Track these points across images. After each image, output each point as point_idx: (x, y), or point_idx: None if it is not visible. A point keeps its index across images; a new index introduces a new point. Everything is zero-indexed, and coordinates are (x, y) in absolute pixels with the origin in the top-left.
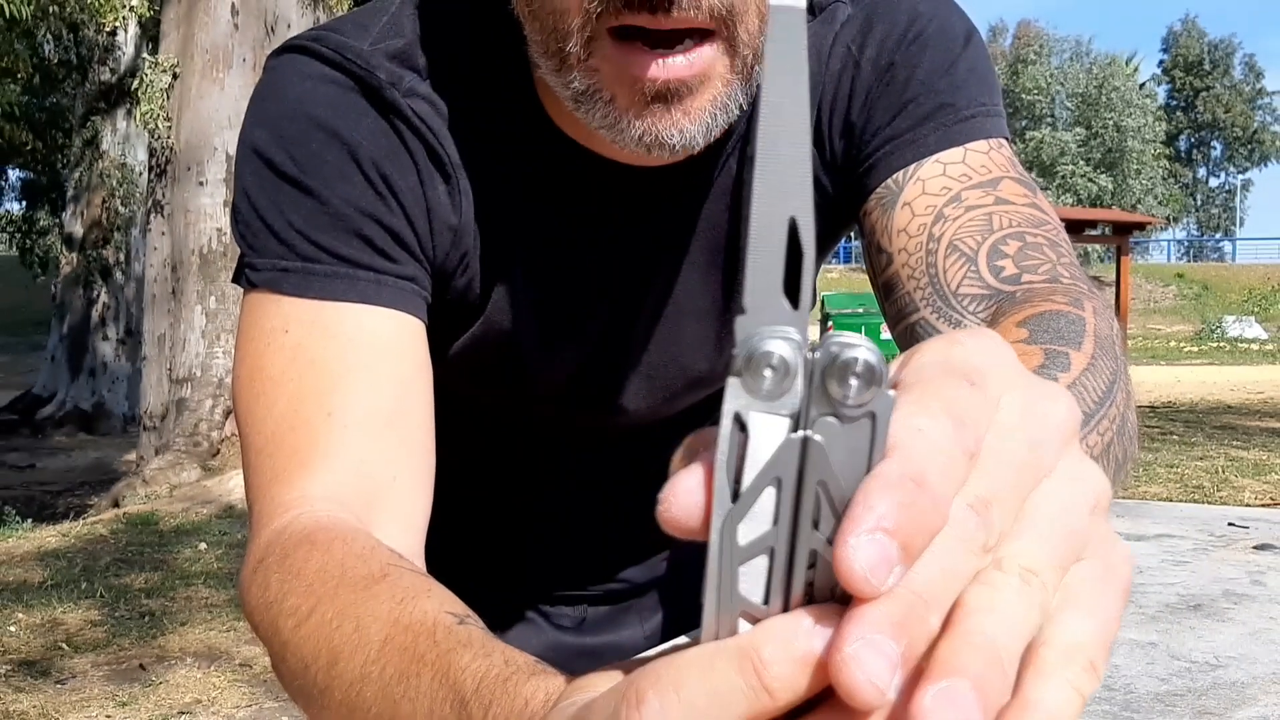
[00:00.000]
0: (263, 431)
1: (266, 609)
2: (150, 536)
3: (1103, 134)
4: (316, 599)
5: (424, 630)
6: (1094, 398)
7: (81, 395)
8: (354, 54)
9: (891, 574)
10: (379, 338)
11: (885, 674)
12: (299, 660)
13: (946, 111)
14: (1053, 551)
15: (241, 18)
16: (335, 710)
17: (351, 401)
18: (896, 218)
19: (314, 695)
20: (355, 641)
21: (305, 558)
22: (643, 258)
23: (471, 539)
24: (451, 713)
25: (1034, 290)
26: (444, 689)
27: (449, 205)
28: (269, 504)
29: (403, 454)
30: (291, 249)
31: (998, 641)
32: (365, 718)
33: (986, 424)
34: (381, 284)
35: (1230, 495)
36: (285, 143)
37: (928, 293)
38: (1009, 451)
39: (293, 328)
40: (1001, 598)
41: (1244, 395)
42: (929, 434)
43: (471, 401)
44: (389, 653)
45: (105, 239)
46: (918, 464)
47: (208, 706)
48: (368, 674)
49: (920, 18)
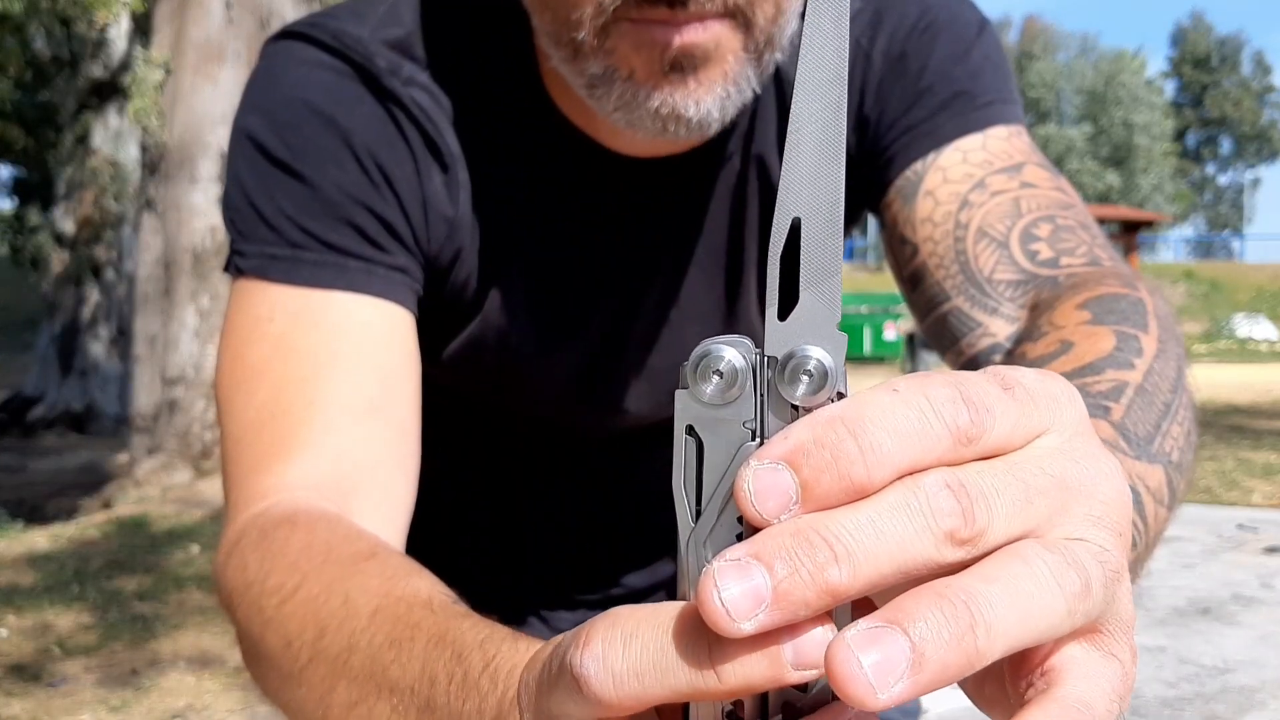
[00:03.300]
0: (242, 420)
1: (246, 589)
2: (142, 539)
3: (1110, 130)
4: (302, 575)
5: (419, 602)
6: (1168, 385)
7: (72, 396)
8: (353, 40)
9: (783, 506)
10: (366, 326)
11: (741, 600)
12: (281, 637)
13: (964, 99)
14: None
15: (235, 12)
16: (316, 685)
17: (334, 389)
18: (919, 207)
19: (294, 673)
20: (344, 614)
21: (286, 538)
22: (646, 257)
23: (471, 542)
24: (449, 665)
25: (1081, 274)
26: (440, 649)
27: (445, 196)
28: (246, 491)
29: (385, 444)
30: (280, 235)
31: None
32: (349, 688)
33: (1003, 424)
34: (371, 273)
35: (1239, 497)
36: (279, 128)
37: (959, 281)
38: (1030, 471)
39: (277, 316)
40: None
41: (1254, 396)
42: (902, 393)
43: (469, 402)
44: (380, 621)
45: (96, 237)
46: (860, 411)
47: (200, 711)
48: (356, 643)
49: (931, 8)
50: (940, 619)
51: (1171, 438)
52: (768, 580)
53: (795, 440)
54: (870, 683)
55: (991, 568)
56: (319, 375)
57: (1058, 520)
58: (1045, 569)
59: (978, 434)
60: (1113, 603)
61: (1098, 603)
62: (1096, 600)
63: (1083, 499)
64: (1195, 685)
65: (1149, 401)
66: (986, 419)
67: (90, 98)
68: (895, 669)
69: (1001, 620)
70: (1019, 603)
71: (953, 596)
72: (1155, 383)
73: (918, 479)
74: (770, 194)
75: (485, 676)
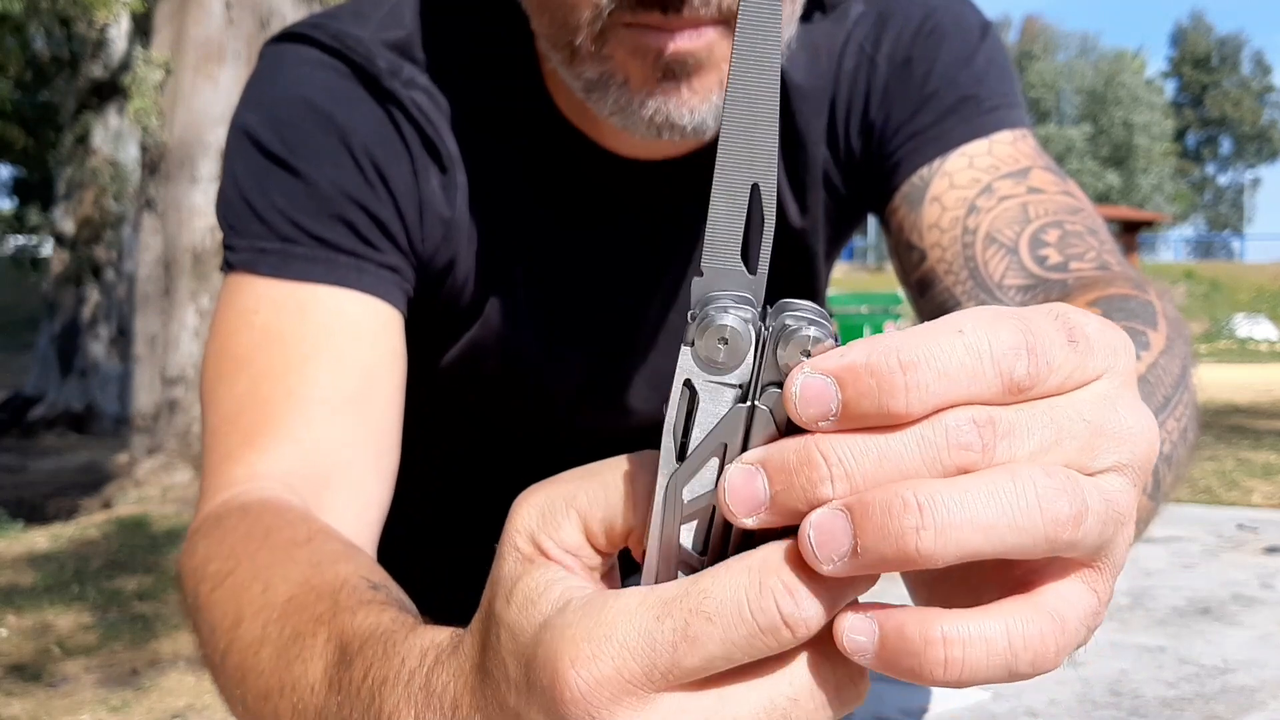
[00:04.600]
0: (221, 411)
1: (190, 574)
2: (142, 539)
3: (1110, 130)
4: (236, 561)
5: (328, 592)
6: (1171, 380)
7: (72, 396)
8: (353, 41)
9: (822, 416)
10: (351, 322)
11: (745, 502)
12: (208, 624)
13: (969, 104)
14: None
15: (235, 12)
16: (230, 676)
17: (314, 381)
18: (925, 213)
19: (216, 662)
20: (260, 603)
21: (234, 525)
22: (648, 258)
23: (469, 544)
24: (336, 670)
25: (1090, 277)
26: (332, 649)
27: (442, 197)
28: (216, 480)
29: (361, 439)
30: (272, 229)
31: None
32: (257, 683)
33: (1059, 374)
34: (361, 269)
35: (1239, 497)
36: (276, 124)
37: (969, 286)
38: (1068, 415)
39: (263, 308)
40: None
41: (1254, 396)
42: (966, 335)
43: (469, 405)
44: (290, 612)
45: (96, 237)
46: (917, 348)
47: (200, 711)
48: (267, 635)
49: (935, 12)
50: (883, 516)
51: (1165, 430)
52: (767, 489)
53: (849, 360)
54: (814, 552)
55: (975, 478)
56: (300, 367)
57: (1083, 461)
58: (1031, 489)
59: (1031, 385)
60: (1110, 544)
61: (1090, 537)
62: (1089, 534)
63: (1113, 444)
64: (1195, 685)
65: (1150, 393)
66: (1044, 371)
67: (90, 98)
68: (838, 547)
69: (956, 528)
70: (985, 514)
71: (909, 496)
72: (1159, 376)
73: (944, 415)
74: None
75: (365, 688)
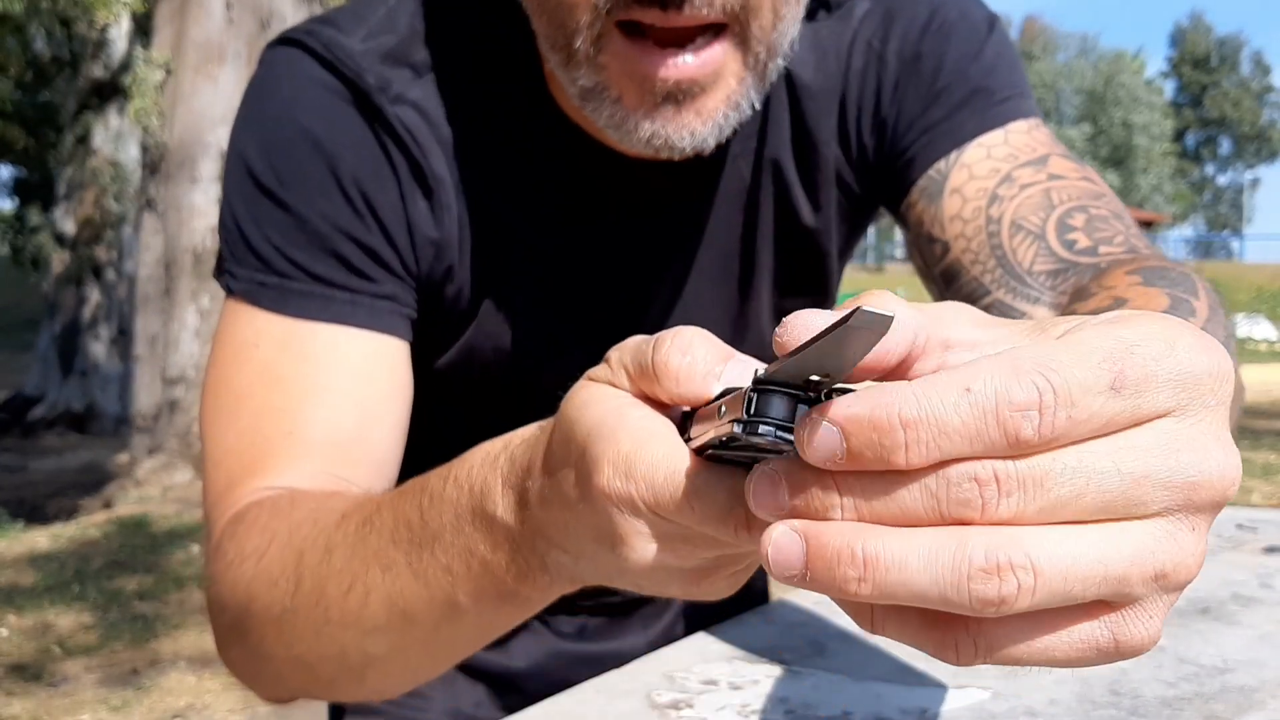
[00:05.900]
0: (222, 445)
1: (226, 572)
2: (143, 539)
3: (1110, 130)
4: (273, 532)
5: (375, 499)
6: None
7: (73, 396)
8: (345, 55)
9: (828, 460)
10: (349, 359)
11: (768, 502)
12: (266, 583)
13: (981, 96)
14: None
15: (235, 12)
16: (307, 597)
17: (311, 421)
18: (946, 205)
19: (287, 605)
20: (314, 532)
21: (255, 518)
22: (650, 259)
23: None
24: (417, 499)
25: (1122, 259)
26: (404, 497)
27: (430, 219)
28: (223, 504)
29: (359, 477)
30: (267, 264)
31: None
32: (338, 580)
33: (1093, 422)
34: (357, 304)
35: (1239, 497)
36: (270, 152)
37: (998, 275)
38: (1101, 465)
39: (263, 343)
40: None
41: (1254, 396)
42: (973, 393)
43: (467, 403)
44: (349, 520)
45: (97, 237)
46: (918, 405)
47: (201, 711)
48: (332, 544)
49: (942, 7)
50: (832, 560)
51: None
52: (787, 498)
53: (853, 412)
54: (769, 561)
55: (925, 541)
56: (298, 406)
57: (1125, 510)
58: (965, 565)
59: (1044, 441)
60: (1131, 589)
61: (1053, 599)
62: (1049, 598)
63: (1163, 492)
64: (1195, 685)
65: None
66: (1064, 424)
67: (91, 98)
68: (789, 567)
69: (891, 585)
70: (918, 581)
71: (858, 550)
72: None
73: (948, 469)
74: (784, 199)
75: (450, 485)
